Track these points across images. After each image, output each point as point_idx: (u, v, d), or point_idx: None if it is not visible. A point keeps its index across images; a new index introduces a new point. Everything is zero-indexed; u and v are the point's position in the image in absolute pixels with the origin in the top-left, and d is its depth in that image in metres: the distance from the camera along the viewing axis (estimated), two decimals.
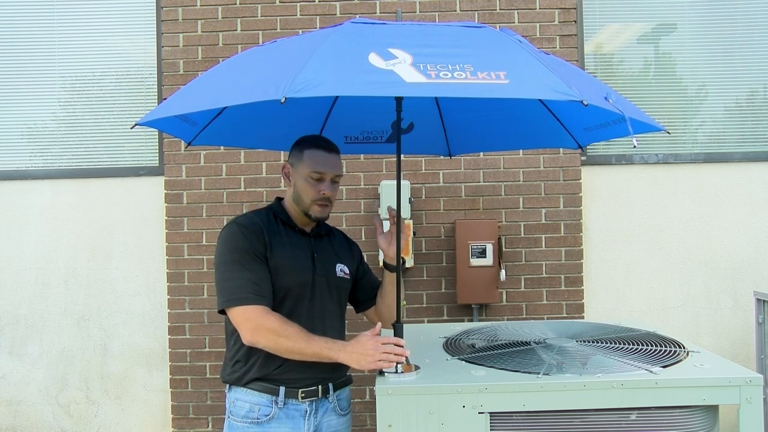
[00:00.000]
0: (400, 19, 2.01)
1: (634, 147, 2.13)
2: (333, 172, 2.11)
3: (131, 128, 2.11)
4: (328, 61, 1.54)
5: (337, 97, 2.44)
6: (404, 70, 1.47)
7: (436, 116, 2.56)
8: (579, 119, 2.29)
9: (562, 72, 1.64)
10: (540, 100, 2.26)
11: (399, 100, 2.08)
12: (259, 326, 1.94)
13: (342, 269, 2.20)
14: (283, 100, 1.36)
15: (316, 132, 2.52)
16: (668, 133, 2.06)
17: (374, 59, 1.50)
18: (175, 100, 1.85)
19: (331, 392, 2.13)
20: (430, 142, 2.67)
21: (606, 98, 1.65)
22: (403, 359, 1.86)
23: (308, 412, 2.07)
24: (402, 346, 1.87)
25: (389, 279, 2.23)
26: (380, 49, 1.53)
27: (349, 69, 1.52)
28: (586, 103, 1.47)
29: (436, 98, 2.47)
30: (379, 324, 1.96)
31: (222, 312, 2.04)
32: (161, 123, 2.05)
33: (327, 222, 2.29)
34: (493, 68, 1.50)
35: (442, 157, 3.34)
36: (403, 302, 2.09)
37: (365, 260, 2.40)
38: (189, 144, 2.36)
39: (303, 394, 2.05)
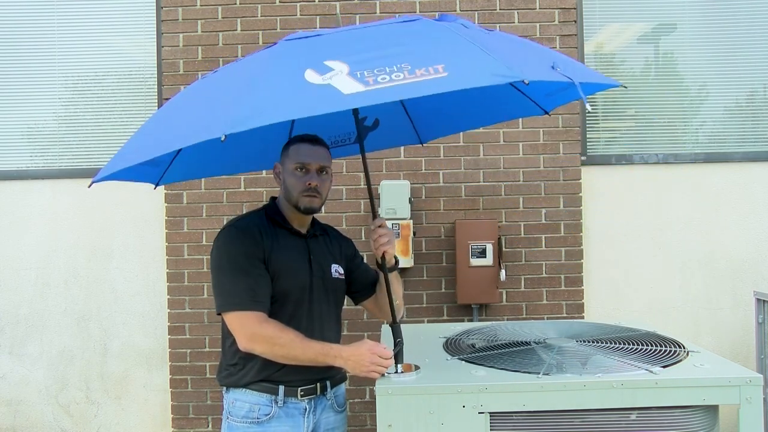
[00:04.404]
0: (339, 24, 1.97)
1: (588, 112, 2.12)
2: (317, 162, 2.09)
3: (89, 187, 1.95)
4: (264, 87, 1.53)
5: None
6: (342, 81, 1.44)
7: (399, 108, 2.53)
8: (539, 86, 2.27)
9: (505, 50, 1.61)
10: None
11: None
12: (255, 334, 1.94)
13: (337, 270, 2.20)
14: (223, 138, 1.37)
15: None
16: (625, 87, 2.07)
17: (310, 75, 1.48)
18: (129, 150, 1.81)
19: (328, 389, 2.14)
20: (399, 133, 2.65)
21: (553, 67, 1.64)
22: (384, 371, 1.85)
23: (307, 410, 2.08)
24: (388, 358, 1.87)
25: (381, 278, 2.21)
26: (316, 63, 1.51)
27: (286, 91, 1.50)
28: (527, 82, 1.46)
29: None
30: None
31: (219, 314, 2.04)
32: (122, 174, 1.93)
33: (321, 221, 2.29)
34: (431, 62, 1.47)
35: (420, 145, 2.97)
36: (396, 301, 2.08)
37: (359, 254, 2.38)
38: (156, 186, 2.30)
39: (302, 393, 2.06)
